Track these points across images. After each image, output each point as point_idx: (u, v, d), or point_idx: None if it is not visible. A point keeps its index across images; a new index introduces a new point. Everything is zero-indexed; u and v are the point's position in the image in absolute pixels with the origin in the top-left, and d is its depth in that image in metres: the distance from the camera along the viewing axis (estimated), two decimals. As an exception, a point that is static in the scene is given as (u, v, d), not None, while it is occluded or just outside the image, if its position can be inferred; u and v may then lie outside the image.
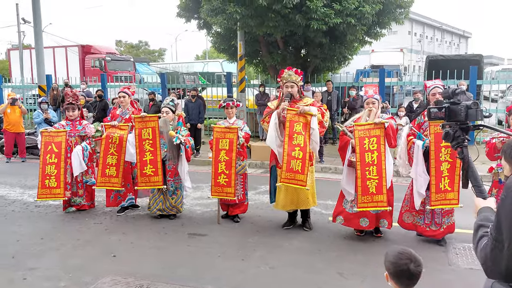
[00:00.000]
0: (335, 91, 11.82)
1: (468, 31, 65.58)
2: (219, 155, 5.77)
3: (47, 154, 6.19)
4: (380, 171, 4.92)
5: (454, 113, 2.20)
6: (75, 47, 26.21)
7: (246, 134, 6.04)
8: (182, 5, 13.09)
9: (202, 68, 31.17)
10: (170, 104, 6.08)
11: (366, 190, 4.94)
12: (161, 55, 54.15)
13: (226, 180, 5.76)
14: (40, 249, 5.12)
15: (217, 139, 5.80)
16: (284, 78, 5.49)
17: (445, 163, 4.82)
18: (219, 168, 5.78)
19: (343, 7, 10.21)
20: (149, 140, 5.97)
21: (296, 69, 5.55)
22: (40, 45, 13.70)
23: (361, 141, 4.96)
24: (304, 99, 5.57)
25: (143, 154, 5.99)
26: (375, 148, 4.91)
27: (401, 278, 2.20)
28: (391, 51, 25.92)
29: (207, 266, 4.64)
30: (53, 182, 6.14)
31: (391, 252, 2.25)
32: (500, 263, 1.49)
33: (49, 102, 12.72)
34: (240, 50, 12.27)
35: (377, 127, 4.95)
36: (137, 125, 6.03)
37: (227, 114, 6.16)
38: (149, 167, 5.97)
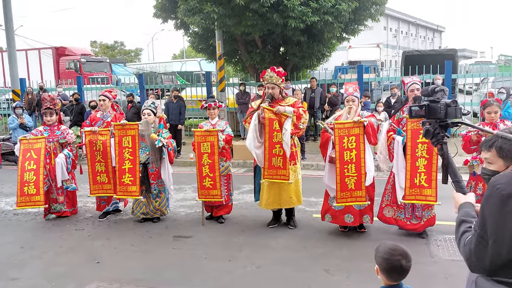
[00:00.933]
0: (319, 89, 11.92)
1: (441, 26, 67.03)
2: (202, 159, 5.79)
3: (26, 161, 6.01)
4: (358, 168, 5.03)
5: (434, 111, 2.25)
6: (49, 50, 25.63)
7: (228, 136, 6.00)
8: (159, 5, 12.94)
9: (180, 68, 30.95)
10: (151, 106, 6.02)
11: (345, 186, 5.06)
12: (138, 55, 53.49)
13: (211, 183, 5.78)
14: (21, 258, 5.00)
15: (199, 143, 5.79)
16: (265, 79, 5.51)
17: (422, 159, 4.91)
18: (203, 171, 5.80)
19: (320, 5, 10.29)
20: (129, 149, 5.89)
21: (278, 70, 5.50)
22: (13, 48, 13.37)
23: (341, 139, 5.04)
24: (287, 99, 5.57)
25: (122, 163, 5.90)
26: (354, 146, 5.01)
27: (392, 273, 2.28)
28: (368, 47, 26.26)
29: (194, 268, 4.62)
30: (32, 189, 5.94)
31: (383, 248, 2.32)
32: (484, 258, 1.53)
33: (24, 106, 12.43)
34: (218, 50, 12.23)
35: (356, 125, 5.03)
36: (117, 132, 5.94)
37: (209, 115, 6.13)
38: (127, 176, 5.90)
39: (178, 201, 7.24)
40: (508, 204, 1.42)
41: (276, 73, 5.45)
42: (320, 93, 11.82)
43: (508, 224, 1.42)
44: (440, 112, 2.22)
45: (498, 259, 1.49)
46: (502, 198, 1.44)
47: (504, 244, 1.45)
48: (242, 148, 10.14)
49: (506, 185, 1.45)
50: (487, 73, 13.84)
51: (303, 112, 5.46)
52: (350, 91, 5.30)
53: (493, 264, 1.51)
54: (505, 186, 1.45)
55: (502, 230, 1.45)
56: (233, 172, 6.32)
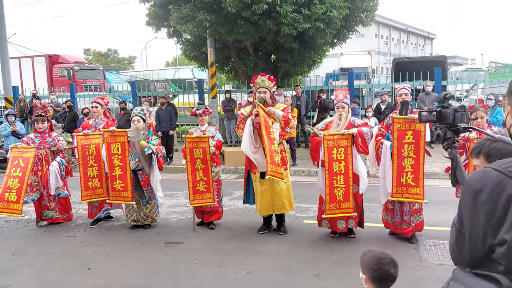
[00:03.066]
0: (304, 96, 12.00)
1: (432, 33, 67.77)
2: (196, 164, 5.83)
3: (12, 167, 5.97)
4: (347, 180, 5.11)
5: (444, 116, 2.36)
6: (42, 57, 25.56)
7: (218, 141, 6.06)
8: (151, 14, 13.01)
9: (173, 75, 31.00)
10: (140, 113, 6.05)
11: (333, 197, 5.13)
12: (131, 63, 53.51)
13: (205, 187, 5.85)
14: (12, 266, 5.00)
15: (191, 149, 5.82)
16: (257, 84, 5.56)
17: (408, 159, 5.00)
18: (197, 176, 5.84)
19: (312, 12, 10.42)
20: (118, 155, 5.90)
21: (269, 76, 5.63)
22: (5, 56, 13.37)
23: (330, 151, 5.09)
24: (277, 105, 5.63)
25: (113, 169, 5.92)
26: (343, 158, 5.08)
27: (383, 283, 2.27)
28: (359, 54, 26.48)
29: (185, 274, 4.64)
30: (13, 196, 5.80)
31: (370, 258, 2.29)
32: (463, 252, 1.60)
33: (16, 114, 12.40)
34: (210, 57, 12.31)
35: (345, 137, 5.09)
36: (106, 139, 5.95)
37: (200, 121, 6.19)
38: (118, 182, 5.92)
39: (169, 207, 7.26)
40: (479, 198, 1.48)
41: (268, 78, 5.58)
42: (305, 100, 11.90)
43: (480, 218, 1.49)
44: (449, 117, 2.34)
45: (475, 253, 1.55)
46: (473, 193, 1.51)
47: (478, 237, 1.51)
48: (233, 154, 10.19)
49: (477, 180, 1.52)
50: (477, 80, 14.02)
51: (292, 118, 5.53)
52: (340, 97, 5.34)
53: (473, 258, 1.58)
54: (477, 182, 1.51)
55: (475, 223, 1.51)
56: (224, 179, 6.39)
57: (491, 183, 1.46)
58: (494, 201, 1.44)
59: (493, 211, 1.44)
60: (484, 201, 1.47)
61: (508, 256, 1.42)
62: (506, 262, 1.44)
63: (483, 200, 1.47)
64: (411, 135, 4.95)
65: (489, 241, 1.48)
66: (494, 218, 1.44)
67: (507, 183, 1.42)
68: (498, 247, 1.45)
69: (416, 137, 4.93)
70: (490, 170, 1.49)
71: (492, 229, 1.46)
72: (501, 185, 1.43)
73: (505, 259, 1.44)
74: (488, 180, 1.48)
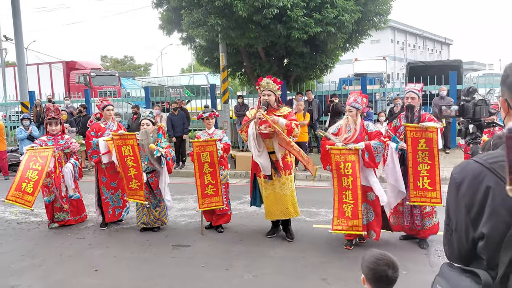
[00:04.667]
0: (316, 100, 11.93)
1: (449, 38, 66.96)
2: (203, 168, 5.81)
3: (31, 162, 6.00)
4: (355, 196, 4.94)
5: (466, 111, 2.31)
6: (60, 64, 26.03)
7: (226, 144, 6.03)
8: (164, 17, 13.14)
9: (188, 81, 31.21)
10: (149, 116, 6.08)
11: (342, 213, 5.01)
12: (147, 69, 54.15)
13: (214, 190, 5.83)
14: (21, 266, 5.04)
15: (198, 153, 5.79)
16: (262, 86, 5.42)
17: (424, 165, 4.95)
18: (205, 180, 5.82)
19: (323, 16, 10.38)
20: (131, 157, 5.93)
21: (275, 78, 5.49)
22: (22, 62, 13.63)
23: (337, 165, 4.98)
24: (281, 109, 5.48)
25: (127, 170, 5.97)
26: (350, 173, 4.92)
27: (378, 283, 2.21)
28: (374, 59, 26.29)
29: (192, 277, 4.62)
30: (29, 188, 5.84)
31: (369, 257, 2.25)
32: (452, 246, 1.57)
33: (32, 118, 12.62)
34: (222, 62, 12.36)
35: (352, 152, 4.93)
36: (115, 142, 5.98)
37: (207, 125, 6.19)
38: (134, 182, 5.98)
39: (179, 211, 7.26)
40: (460, 190, 1.45)
41: (273, 81, 5.43)
42: (317, 104, 11.84)
43: (462, 210, 1.46)
44: (469, 112, 2.29)
45: (462, 248, 1.51)
46: (456, 185, 1.48)
47: (462, 231, 1.48)
48: (244, 159, 10.17)
49: (459, 173, 1.49)
50: (493, 85, 13.77)
51: (295, 126, 5.33)
52: (350, 100, 5.17)
53: (462, 253, 1.54)
54: (458, 174, 1.49)
55: (459, 216, 1.49)
56: (235, 183, 6.35)
57: (470, 175, 1.43)
58: (473, 192, 1.41)
59: (472, 204, 1.41)
60: (464, 193, 1.44)
61: (488, 249, 1.39)
62: (487, 256, 1.40)
63: (463, 192, 1.45)
64: (424, 143, 4.89)
65: (471, 234, 1.45)
66: (473, 210, 1.41)
67: (486, 175, 1.38)
68: (479, 241, 1.42)
69: (429, 145, 4.87)
70: (471, 162, 1.46)
71: (472, 222, 1.43)
72: (480, 177, 1.39)
73: (485, 253, 1.40)
74: (467, 172, 1.45)
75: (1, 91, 24.30)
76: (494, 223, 1.35)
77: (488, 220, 1.36)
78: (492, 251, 1.37)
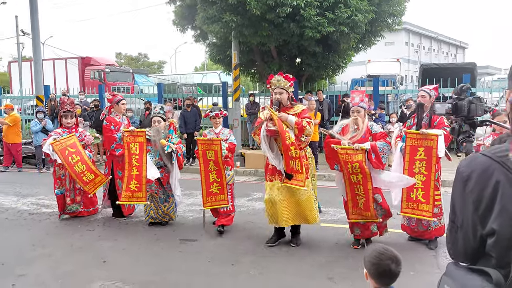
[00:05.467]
0: (327, 100, 11.90)
1: (465, 42, 66.19)
2: (209, 166, 5.73)
3: (68, 157, 6.14)
4: (366, 191, 4.93)
5: (460, 108, 2.28)
6: (75, 59, 26.37)
7: (231, 144, 5.89)
8: (178, 13, 13.20)
9: (201, 80, 31.32)
10: (160, 113, 6.10)
11: (356, 203, 5.04)
12: (160, 67, 54.49)
13: (218, 188, 5.75)
14: (31, 256, 5.12)
15: (203, 150, 5.71)
16: (273, 84, 5.11)
17: (419, 176, 4.82)
18: (210, 177, 5.74)
19: (336, 16, 10.34)
20: (136, 155, 5.87)
21: (286, 75, 5.16)
22: (38, 55, 13.82)
23: (345, 164, 4.89)
24: (295, 107, 5.18)
25: (131, 169, 5.87)
26: (359, 171, 4.86)
27: (381, 278, 2.21)
28: (387, 61, 26.08)
29: (198, 271, 4.65)
30: (89, 175, 6.29)
31: (371, 252, 2.24)
32: (457, 244, 1.52)
33: (47, 112, 12.79)
34: (234, 60, 12.39)
35: (358, 152, 4.82)
36: (125, 139, 5.93)
37: (214, 123, 6.08)
38: (134, 183, 5.86)
39: (187, 206, 7.31)
40: (468, 185, 1.40)
41: (284, 77, 5.10)
42: (328, 104, 11.80)
43: (469, 207, 1.41)
44: (464, 110, 2.26)
45: (468, 245, 1.46)
46: (463, 180, 1.43)
47: (469, 228, 1.43)
48: (254, 156, 10.21)
49: (466, 167, 1.44)
50: (508, 88, 13.57)
51: (307, 124, 4.99)
52: (356, 100, 5.02)
53: (468, 251, 1.49)
54: (465, 168, 1.43)
55: (465, 212, 1.44)
56: (244, 180, 6.36)
57: (479, 169, 1.38)
58: (481, 188, 1.36)
59: (481, 199, 1.36)
60: (472, 188, 1.39)
61: (498, 247, 1.33)
62: (497, 254, 1.35)
63: (471, 187, 1.39)
64: (423, 152, 4.78)
65: (479, 231, 1.39)
66: (482, 206, 1.36)
67: (495, 169, 1.33)
68: (488, 238, 1.36)
69: (428, 154, 4.75)
70: (479, 156, 1.41)
71: (480, 219, 1.37)
72: (489, 170, 1.35)
73: (495, 251, 1.35)
74: (475, 166, 1.40)
75: (18, 85, 24.69)
76: (505, 219, 1.30)
77: (498, 216, 1.32)
78: (502, 248, 1.32)
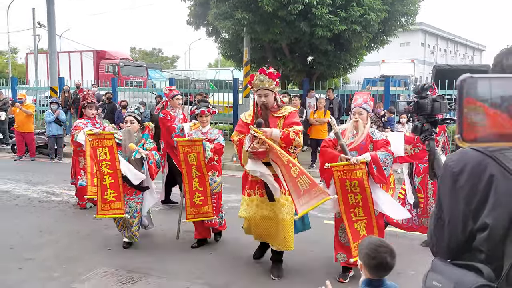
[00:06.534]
0: (337, 99, 11.88)
1: (482, 44, 65.12)
2: (191, 171, 4.99)
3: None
4: (367, 211, 4.08)
5: (422, 107, 2.28)
6: (90, 53, 26.70)
7: (218, 145, 5.07)
8: (192, 13, 13.36)
9: (214, 76, 31.43)
10: (135, 113, 5.21)
11: (356, 234, 4.11)
12: (174, 62, 54.85)
13: (201, 199, 5.01)
14: (38, 242, 5.26)
15: (185, 153, 4.94)
16: (255, 85, 4.23)
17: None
18: (193, 185, 5.01)
19: (348, 14, 10.33)
20: (107, 161, 4.99)
21: (270, 71, 4.20)
22: (53, 48, 14.06)
23: (342, 182, 4.03)
24: (282, 109, 4.31)
25: (102, 178, 5.00)
26: (358, 190, 4.03)
27: (376, 270, 2.24)
28: (401, 62, 25.83)
29: (199, 260, 4.75)
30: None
31: (368, 245, 2.27)
32: (442, 239, 1.52)
33: (60, 103, 13.01)
34: (245, 56, 12.45)
35: (358, 168, 3.96)
36: (90, 143, 5.09)
37: (201, 122, 5.24)
38: (110, 192, 5.00)
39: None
40: (459, 181, 1.41)
41: (268, 75, 4.17)
42: (338, 103, 11.78)
43: (460, 202, 1.41)
44: (427, 108, 2.25)
45: (454, 240, 1.47)
46: (453, 175, 1.43)
47: (458, 223, 1.44)
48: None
49: (456, 161, 1.44)
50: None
51: (295, 135, 4.09)
52: (358, 101, 4.28)
53: (452, 247, 1.50)
54: (456, 163, 1.43)
55: (455, 207, 1.44)
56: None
57: (471, 163, 1.38)
58: (475, 182, 1.36)
59: (474, 193, 1.36)
60: (464, 182, 1.39)
61: (490, 241, 1.34)
62: (488, 249, 1.36)
63: (462, 182, 1.39)
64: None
65: (470, 226, 1.40)
66: (475, 201, 1.36)
67: (488, 163, 1.34)
68: (479, 233, 1.37)
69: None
70: (470, 151, 1.41)
71: (472, 213, 1.38)
72: (482, 165, 1.35)
73: (487, 245, 1.36)
74: (468, 160, 1.40)
75: (34, 76, 25.11)
76: (499, 213, 1.31)
77: (492, 210, 1.32)
78: (495, 243, 1.33)
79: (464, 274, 1.40)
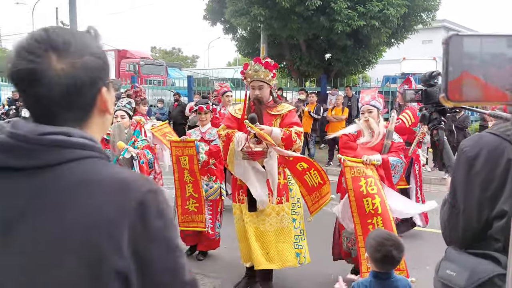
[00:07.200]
0: (355, 96, 11.75)
1: (508, 42, 63.60)
2: (184, 176, 4.58)
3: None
4: (387, 222, 3.37)
5: (430, 95, 2.22)
6: (112, 52, 27.10)
7: (214, 147, 4.52)
8: (209, 8, 13.42)
9: (232, 75, 31.55)
10: (126, 107, 4.59)
11: None
12: (194, 61, 55.31)
13: (196, 206, 4.60)
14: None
15: (177, 156, 4.53)
16: (249, 76, 3.59)
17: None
18: (186, 191, 4.61)
19: (367, 10, 10.21)
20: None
21: (266, 61, 3.60)
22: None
23: (355, 182, 3.46)
24: (279, 106, 3.73)
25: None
26: (375, 191, 3.44)
27: (382, 263, 2.26)
28: (422, 60, 25.37)
29: (212, 255, 4.80)
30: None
31: (375, 237, 2.29)
32: (456, 228, 1.47)
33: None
34: (262, 53, 12.43)
35: (369, 167, 3.58)
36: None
37: (200, 121, 4.76)
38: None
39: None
40: (475, 166, 1.35)
41: (264, 65, 3.56)
42: (356, 100, 11.64)
43: (475, 188, 1.35)
44: (435, 96, 2.19)
45: (469, 229, 1.42)
46: (468, 160, 1.38)
47: (473, 210, 1.38)
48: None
49: (471, 147, 1.39)
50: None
51: (297, 137, 3.58)
52: (367, 99, 3.96)
53: (466, 236, 1.45)
54: (471, 148, 1.38)
55: (470, 195, 1.38)
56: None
57: (488, 148, 1.33)
58: (492, 167, 1.30)
59: (491, 179, 1.30)
60: (480, 168, 1.33)
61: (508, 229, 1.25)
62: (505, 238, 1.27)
63: (479, 168, 1.33)
64: None
65: (486, 214, 1.34)
66: (492, 187, 1.31)
67: (506, 147, 1.29)
68: (496, 221, 1.31)
69: None
70: (486, 134, 1.36)
71: (489, 200, 1.32)
72: (499, 149, 1.30)
73: (504, 233, 1.28)
74: (484, 144, 1.34)
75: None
76: None
77: (510, 197, 1.27)
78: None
79: (479, 262, 1.36)
